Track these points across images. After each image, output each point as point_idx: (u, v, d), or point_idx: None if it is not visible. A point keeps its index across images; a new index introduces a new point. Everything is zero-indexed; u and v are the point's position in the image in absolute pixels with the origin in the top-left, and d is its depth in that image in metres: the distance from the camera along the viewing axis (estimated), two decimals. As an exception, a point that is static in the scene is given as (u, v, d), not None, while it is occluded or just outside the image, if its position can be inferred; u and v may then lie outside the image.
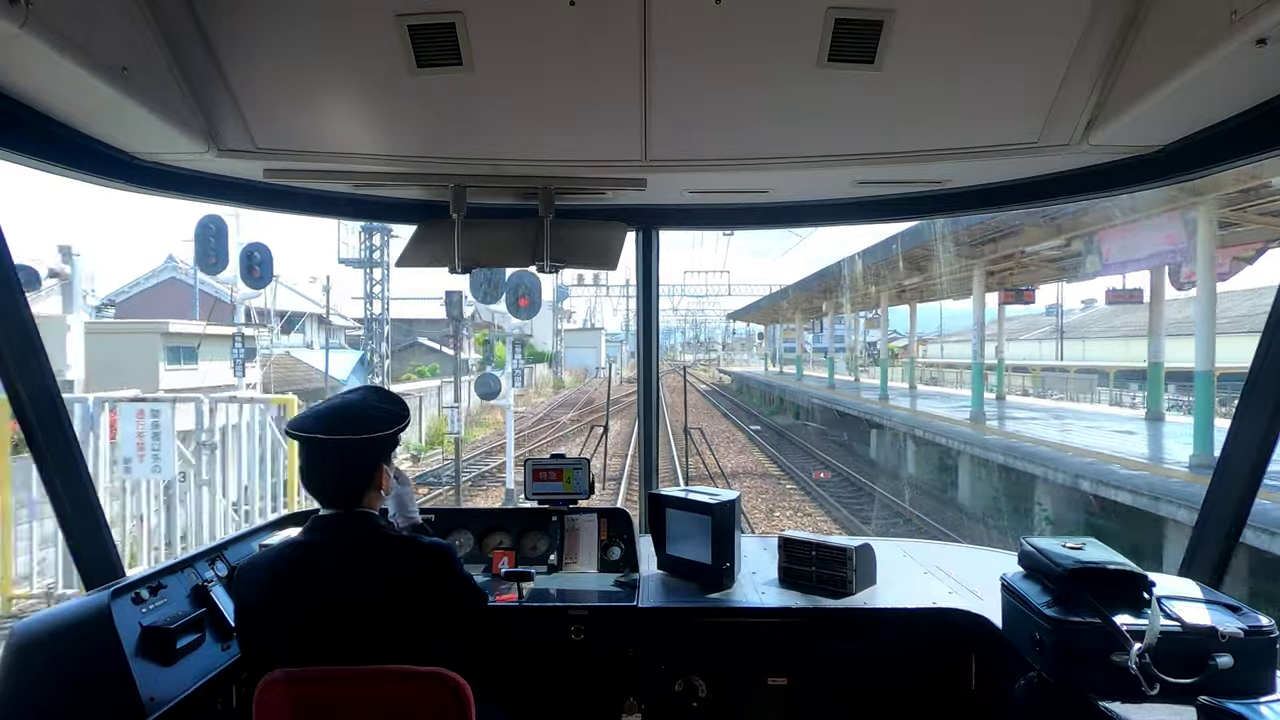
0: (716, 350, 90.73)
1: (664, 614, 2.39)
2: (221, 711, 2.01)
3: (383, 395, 1.82)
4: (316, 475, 1.70)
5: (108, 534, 2.07)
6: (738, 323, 41.46)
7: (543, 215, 2.52)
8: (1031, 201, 2.53)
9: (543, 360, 50.14)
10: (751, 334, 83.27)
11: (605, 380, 29.51)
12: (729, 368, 68.21)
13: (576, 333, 69.02)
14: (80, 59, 1.49)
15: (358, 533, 1.69)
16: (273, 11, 1.75)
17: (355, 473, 1.70)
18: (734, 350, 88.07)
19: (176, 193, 2.30)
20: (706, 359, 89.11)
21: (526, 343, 32.01)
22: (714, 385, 52.26)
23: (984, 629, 2.23)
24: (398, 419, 1.76)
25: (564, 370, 54.92)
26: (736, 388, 48.00)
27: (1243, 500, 2.02)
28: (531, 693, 2.42)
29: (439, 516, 2.84)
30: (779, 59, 1.87)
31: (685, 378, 8.65)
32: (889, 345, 59.72)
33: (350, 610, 1.61)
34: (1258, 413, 1.96)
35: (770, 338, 67.92)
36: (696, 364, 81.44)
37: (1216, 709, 1.46)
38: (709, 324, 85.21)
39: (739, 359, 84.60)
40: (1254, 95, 1.67)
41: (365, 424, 1.70)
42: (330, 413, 1.71)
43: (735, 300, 64.44)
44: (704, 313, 73.25)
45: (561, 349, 55.87)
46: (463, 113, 2.08)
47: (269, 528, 2.66)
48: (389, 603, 1.63)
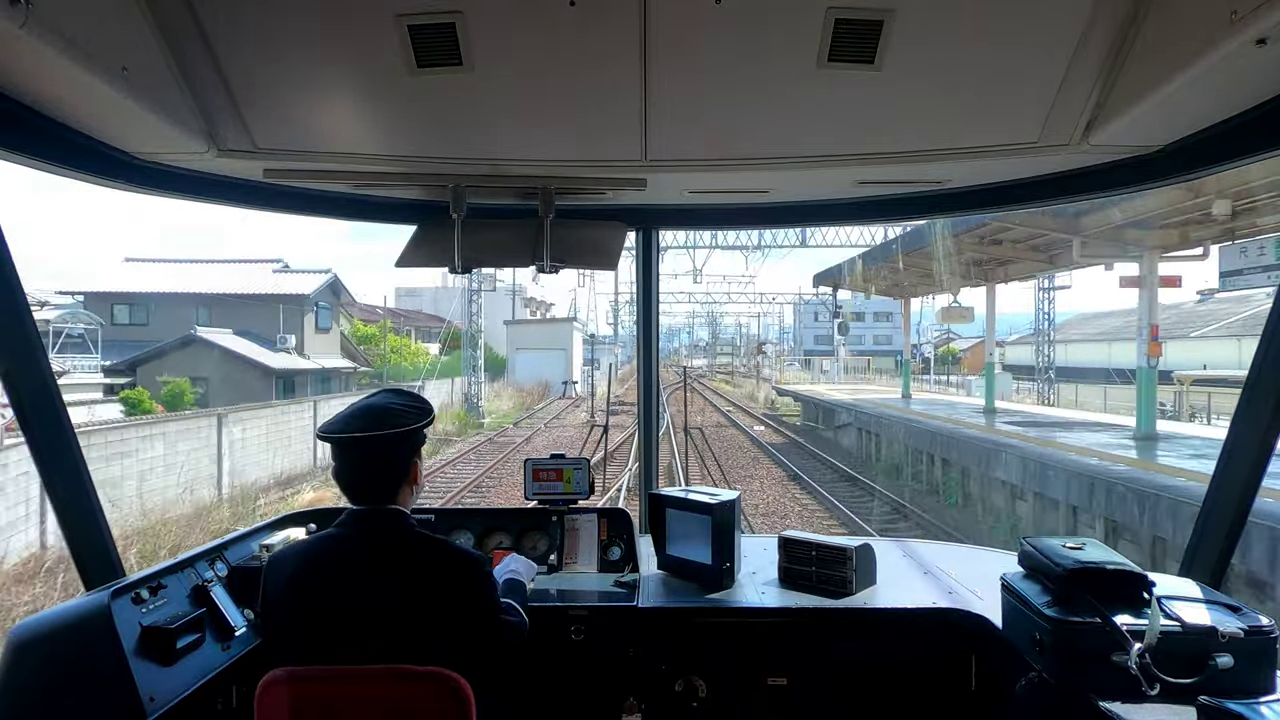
0: (731, 353, 71.67)
1: (664, 614, 2.39)
2: (221, 711, 2.01)
3: (403, 395, 1.89)
4: (349, 473, 1.75)
5: (108, 534, 2.07)
6: (823, 289, 25.34)
7: (543, 215, 2.52)
8: (1031, 202, 2.53)
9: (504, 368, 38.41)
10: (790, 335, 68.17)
11: (574, 401, 22.75)
12: (792, 384, 38.68)
13: (534, 326, 44.75)
14: (80, 59, 1.49)
15: (388, 529, 1.72)
16: (273, 12, 1.75)
17: (389, 469, 1.75)
18: (746, 353, 64.84)
19: (176, 193, 2.30)
20: (729, 366, 66.63)
21: (479, 340, 24.41)
22: (770, 417, 28.83)
23: (984, 629, 2.23)
24: (423, 414, 1.82)
25: (505, 386, 34.86)
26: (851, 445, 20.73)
27: (1243, 500, 2.02)
28: (532, 693, 2.42)
29: (439, 516, 2.84)
30: (779, 59, 1.87)
31: (685, 378, 8.66)
32: (945, 349, 52.78)
33: (370, 607, 1.63)
34: (1258, 413, 1.96)
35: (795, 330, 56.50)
36: (713, 373, 61.28)
37: (1216, 709, 1.46)
38: (727, 319, 68.82)
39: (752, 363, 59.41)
40: (1254, 95, 1.67)
41: (392, 420, 1.76)
42: (358, 414, 1.76)
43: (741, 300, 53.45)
44: (720, 306, 58.32)
45: (512, 352, 40.21)
46: (463, 113, 2.08)
47: (269, 528, 2.66)
48: (406, 601, 1.64)
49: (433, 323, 45.41)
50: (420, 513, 2.82)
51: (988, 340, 19.86)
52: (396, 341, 37.76)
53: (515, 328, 42.23)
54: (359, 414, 1.76)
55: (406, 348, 37.53)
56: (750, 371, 55.44)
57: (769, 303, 58.90)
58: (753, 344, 62.93)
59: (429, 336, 43.64)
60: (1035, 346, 26.04)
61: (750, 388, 45.10)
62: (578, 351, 41.77)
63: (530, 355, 39.45)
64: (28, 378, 1.89)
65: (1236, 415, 2.03)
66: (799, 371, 55.22)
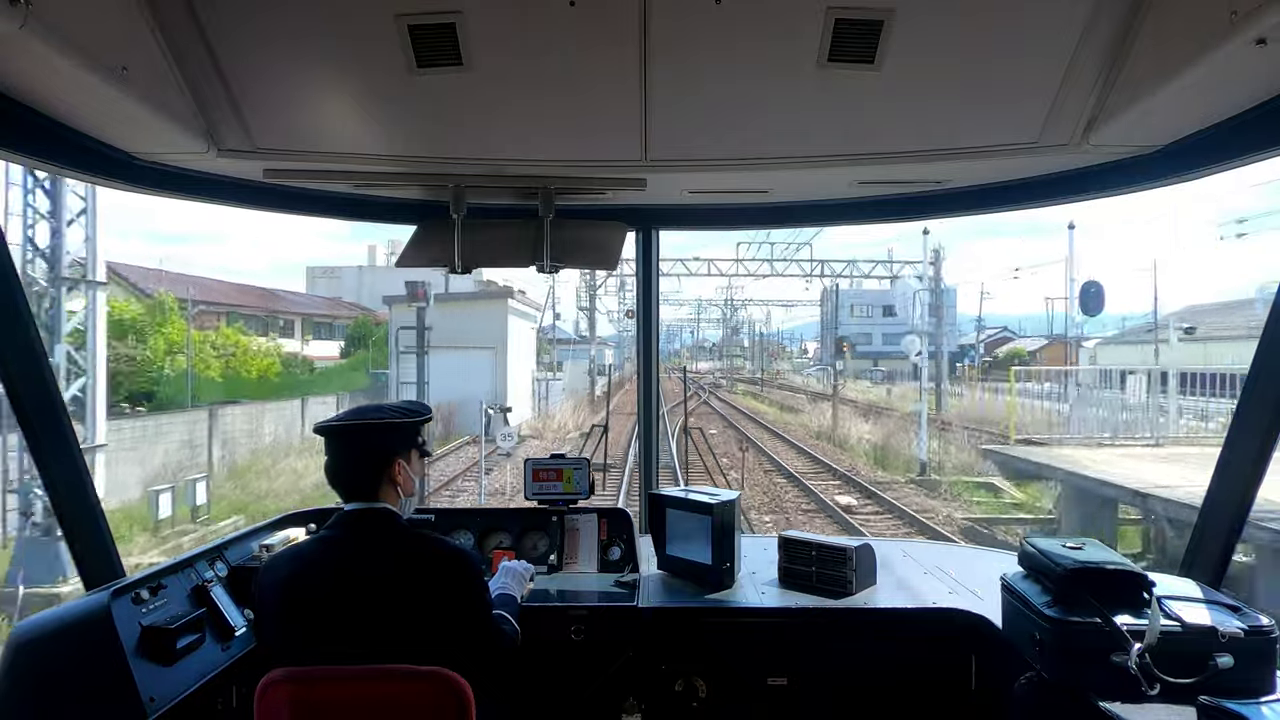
0: (741, 355, 58.83)
1: (664, 614, 2.39)
2: (221, 711, 2.01)
3: (402, 402, 1.95)
4: (334, 464, 1.77)
5: (108, 534, 2.07)
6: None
7: (543, 215, 2.52)
8: (1031, 202, 2.53)
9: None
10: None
11: (509, 454, 15.23)
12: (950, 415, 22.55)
13: (438, 306, 19.09)
14: (80, 59, 1.49)
15: (376, 528, 1.73)
16: (273, 12, 1.75)
17: (367, 458, 1.76)
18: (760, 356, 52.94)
19: (176, 193, 2.30)
20: (745, 370, 54.11)
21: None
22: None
23: (984, 629, 2.23)
24: (416, 413, 1.86)
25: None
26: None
27: (1243, 500, 2.02)
28: (532, 693, 2.42)
29: (439, 516, 2.84)
30: (779, 59, 1.87)
31: (685, 378, 8.67)
32: (1013, 350, 39.56)
33: (361, 606, 1.63)
34: (1258, 413, 1.96)
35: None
36: (731, 382, 47.33)
37: (1216, 709, 1.46)
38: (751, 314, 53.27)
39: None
40: (1254, 95, 1.67)
41: (375, 414, 1.82)
42: (351, 412, 1.86)
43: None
44: (740, 294, 46.91)
45: (395, 351, 19.71)
46: (463, 113, 2.08)
47: (269, 528, 2.66)
48: (397, 598, 1.64)
49: (336, 311, 32.95)
50: (421, 513, 2.82)
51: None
52: (231, 336, 22.97)
53: (404, 309, 20.13)
54: (352, 412, 1.86)
55: (240, 346, 22.91)
56: (774, 379, 42.37)
57: (794, 301, 48.61)
58: (768, 345, 52.54)
59: (328, 332, 32.18)
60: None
61: (815, 414, 25.57)
62: (521, 352, 25.51)
63: (434, 357, 18.75)
64: (28, 378, 1.89)
65: (1236, 415, 2.03)
66: (863, 384, 39.68)
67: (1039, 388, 19.19)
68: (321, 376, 22.10)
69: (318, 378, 21.81)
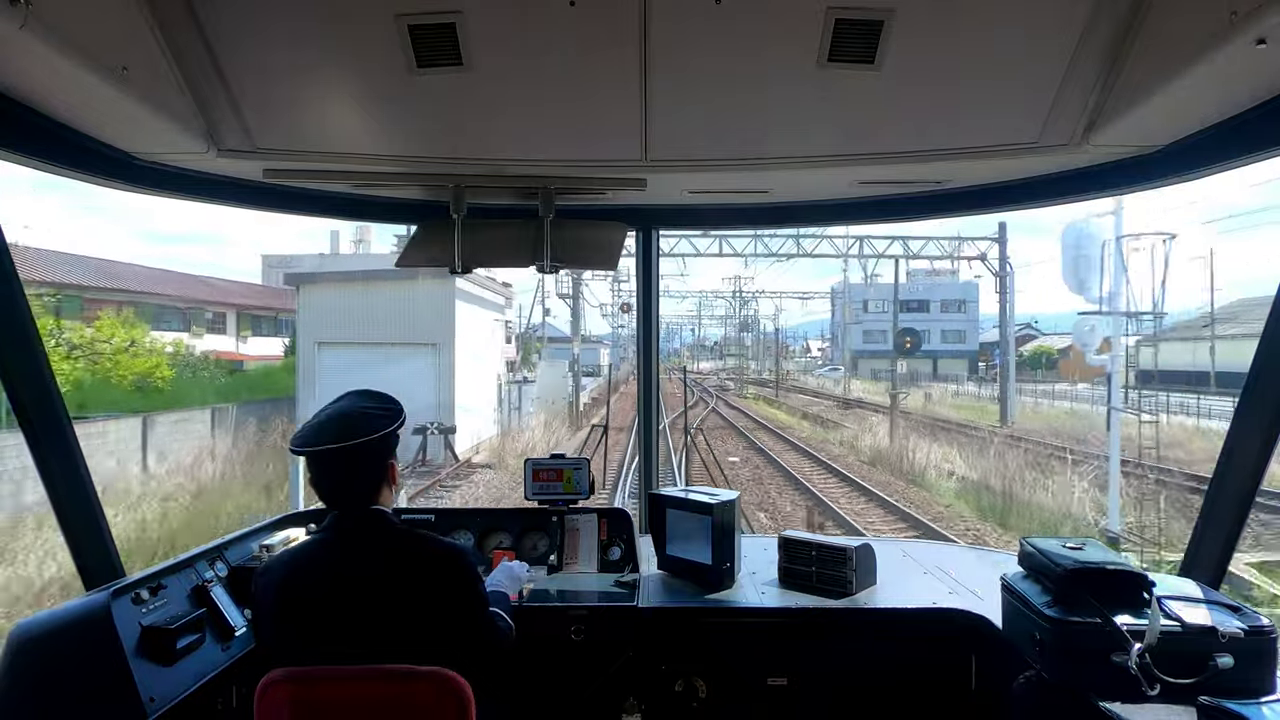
0: (739, 355, 52.07)
1: (664, 614, 2.39)
2: (221, 711, 2.00)
3: (371, 395, 1.82)
4: (328, 483, 1.72)
5: (108, 534, 2.07)
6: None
7: (543, 215, 2.52)
8: (1031, 202, 2.53)
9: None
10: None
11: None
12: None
13: (361, 286, 16.71)
14: (80, 59, 1.49)
15: (370, 529, 1.71)
16: (272, 12, 1.75)
17: (368, 475, 1.73)
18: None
19: (176, 193, 2.30)
20: (748, 370, 48.74)
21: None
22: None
23: (984, 629, 2.23)
24: (395, 415, 1.79)
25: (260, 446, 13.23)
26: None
27: (1243, 500, 2.02)
28: (532, 692, 2.42)
29: (439, 516, 2.84)
30: (779, 59, 1.87)
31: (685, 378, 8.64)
32: (1037, 348, 36.44)
33: (358, 606, 1.62)
34: (1258, 413, 1.96)
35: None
36: (741, 385, 42.38)
37: (1216, 709, 1.46)
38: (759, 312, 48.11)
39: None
40: (1254, 95, 1.67)
41: (365, 426, 1.71)
42: (329, 423, 1.71)
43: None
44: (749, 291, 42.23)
45: (311, 350, 16.10)
46: (463, 113, 2.08)
47: (269, 528, 2.66)
48: (393, 597, 1.64)
49: (283, 304, 26.11)
50: (421, 513, 2.82)
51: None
52: (107, 330, 17.34)
53: (316, 290, 17.33)
54: (329, 422, 1.71)
55: (116, 344, 17.38)
56: (787, 380, 37.47)
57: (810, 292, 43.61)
58: (779, 343, 48.48)
59: (271, 327, 28.70)
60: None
61: (857, 427, 21.22)
62: (482, 350, 19.56)
63: (354, 356, 15.90)
64: (28, 378, 1.89)
65: (1237, 415, 2.03)
66: (865, 381, 36.70)
67: (1089, 391, 15.35)
68: (243, 380, 16.96)
69: (236, 381, 16.43)
